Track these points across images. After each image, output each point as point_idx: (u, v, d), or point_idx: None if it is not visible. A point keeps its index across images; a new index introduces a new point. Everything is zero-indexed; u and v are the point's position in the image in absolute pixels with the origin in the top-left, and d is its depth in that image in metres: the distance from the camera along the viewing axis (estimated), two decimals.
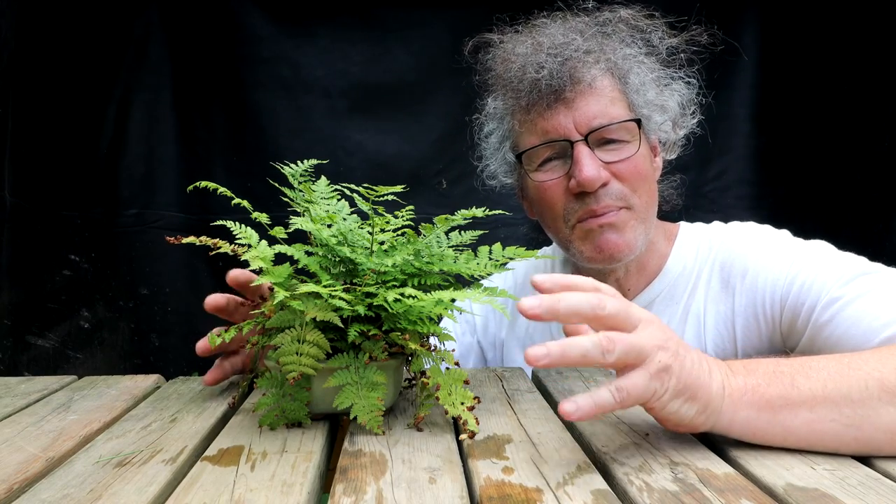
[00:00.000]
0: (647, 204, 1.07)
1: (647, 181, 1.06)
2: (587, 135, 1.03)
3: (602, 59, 1.04)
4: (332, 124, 1.94)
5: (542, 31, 1.08)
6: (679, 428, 0.70)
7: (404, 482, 0.62)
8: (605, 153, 1.04)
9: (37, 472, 0.67)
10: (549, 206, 1.08)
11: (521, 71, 1.05)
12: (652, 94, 1.08)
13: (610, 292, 0.69)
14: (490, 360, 1.32)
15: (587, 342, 0.62)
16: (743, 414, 0.69)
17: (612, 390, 0.64)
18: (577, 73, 1.02)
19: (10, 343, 1.83)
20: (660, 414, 0.68)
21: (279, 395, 0.79)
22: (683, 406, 0.67)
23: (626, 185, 1.04)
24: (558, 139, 1.04)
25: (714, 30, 1.07)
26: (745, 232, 1.10)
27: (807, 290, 0.95)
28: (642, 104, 1.07)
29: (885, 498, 0.58)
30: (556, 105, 1.03)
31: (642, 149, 1.05)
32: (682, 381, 0.66)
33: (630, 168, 1.04)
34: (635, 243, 1.06)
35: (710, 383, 0.69)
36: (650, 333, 0.67)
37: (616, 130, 1.04)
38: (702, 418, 0.68)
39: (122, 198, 1.91)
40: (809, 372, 0.71)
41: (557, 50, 1.03)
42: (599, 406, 0.63)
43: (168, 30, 1.90)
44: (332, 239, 0.83)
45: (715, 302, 1.07)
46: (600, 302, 0.64)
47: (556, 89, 1.02)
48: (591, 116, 1.02)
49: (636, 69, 1.07)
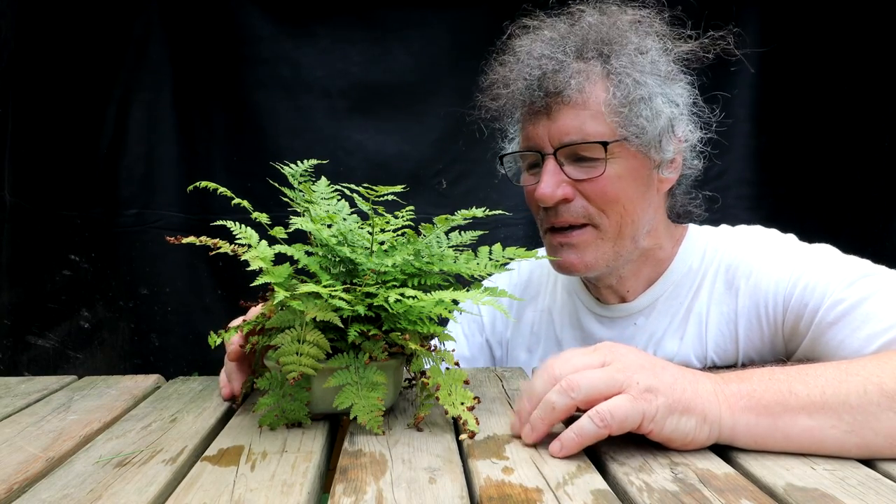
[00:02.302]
0: (618, 224, 1.03)
1: (621, 202, 1.02)
2: (557, 149, 1.01)
3: (596, 69, 1.01)
4: (332, 124, 1.94)
5: (536, 38, 1.06)
6: (688, 447, 0.70)
7: (404, 482, 0.62)
8: (577, 170, 1.02)
9: (37, 472, 0.67)
10: (531, 208, 1.11)
11: (511, 78, 1.05)
12: (647, 108, 1.00)
13: (573, 363, 0.72)
14: (498, 357, 1.33)
15: (553, 395, 0.70)
16: (743, 420, 0.69)
17: (591, 416, 0.67)
18: (562, 86, 0.99)
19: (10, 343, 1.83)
20: (662, 436, 0.68)
21: (279, 395, 0.79)
22: (681, 421, 0.68)
23: (593, 204, 1.02)
24: (535, 149, 1.05)
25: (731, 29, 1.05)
26: (751, 235, 1.10)
27: (810, 292, 0.95)
28: (632, 119, 1.00)
29: (885, 498, 0.58)
30: (540, 115, 1.03)
31: (615, 169, 1.01)
32: (670, 396, 0.68)
33: (597, 189, 1.01)
34: (596, 263, 1.04)
35: (700, 391, 0.69)
36: (624, 363, 0.70)
37: (589, 148, 1.00)
38: (705, 430, 0.69)
39: (122, 198, 1.91)
40: (806, 379, 0.71)
41: (545, 61, 1.01)
42: (582, 436, 0.67)
43: (168, 30, 1.90)
44: (332, 239, 0.83)
45: (718, 302, 1.07)
46: (570, 391, 0.69)
47: (541, 99, 1.02)
48: (564, 132, 1.01)
49: (633, 82, 1.00)
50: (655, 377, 0.69)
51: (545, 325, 1.26)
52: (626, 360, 0.71)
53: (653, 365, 0.71)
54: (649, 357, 0.73)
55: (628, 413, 0.66)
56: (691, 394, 0.69)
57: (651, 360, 0.72)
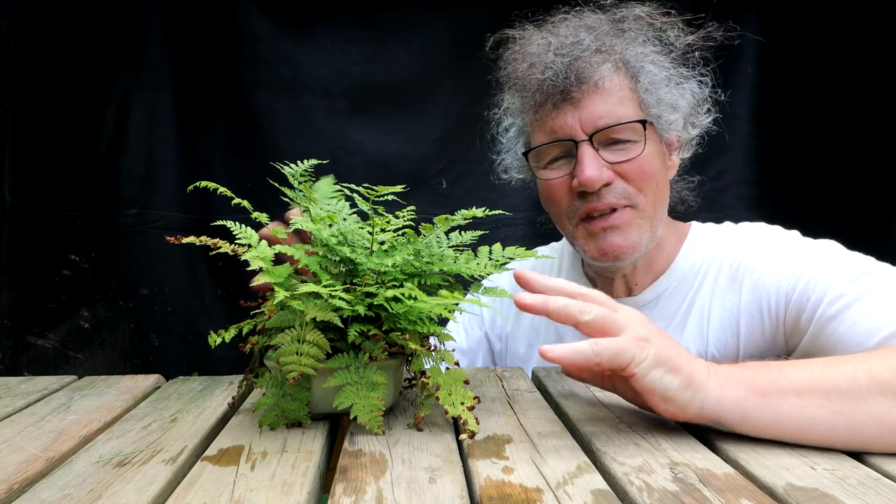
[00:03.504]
0: (654, 203, 1.07)
1: (655, 181, 1.06)
2: (592, 135, 1.03)
3: (612, 58, 1.04)
4: (332, 124, 1.93)
5: (553, 30, 1.08)
6: (668, 407, 0.70)
7: (404, 482, 0.62)
8: (611, 153, 1.04)
9: (37, 472, 0.67)
10: (555, 203, 1.10)
11: (529, 71, 1.06)
12: (664, 93, 1.07)
13: (598, 298, 0.74)
14: (497, 351, 1.33)
15: (572, 304, 0.71)
16: (731, 392, 0.70)
17: (590, 342, 0.69)
18: (585, 73, 1.02)
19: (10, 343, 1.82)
20: (642, 384, 0.69)
21: (279, 395, 0.79)
22: (666, 377, 0.69)
23: (632, 184, 1.05)
24: (564, 139, 1.05)
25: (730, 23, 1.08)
26: (754, 231, 1.11)
27: (812, 286, 0.96)
28: (653, 103, 1.06)
29: (884, 498, 0.58)
30: (563, 105, 1.04)
31: (649, 149, 1.05)
32: (662, 352, 0.70)
33: (635, 168, 1.04)
34: (639, 243, 1.06)
35: (693, 361, 0.72)
36: (634, 319, 0.73)
37: (622, 130, 1.04)
38: (687, 395, 0.69)
39: (122, 198, 1.90)
40: (798, 364, 0.73)
41: (566, 50, 1.04)
42: (575, 351, 0.68)
43: (168, 30, 1.90)
44: (333, 239, 0.83)
45: (721, 298, 1.08)
46: (584, 308, 0.71)
47: (562, 89, 1.03)
48: (596, 117, 1.03)
49: (648, 67, 1.07)
50: (656, 334, 0.72)
51: (545, 319, 1.26)
52: (633, 317, 0.73)
53: (658, 331, 0.73)
54: (656, 327, 0.74)
55: (620, 351, 0.68)
56: (685, 360, 0.71)
57: (657, 329, 0.74)
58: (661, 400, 0.70)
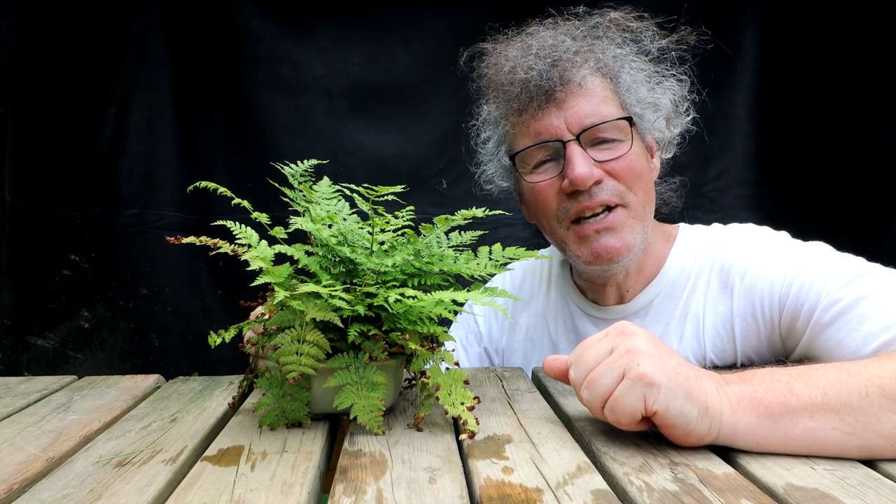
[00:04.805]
0: (643, 202, 1.06)
1: (643, 179, 1.06)
2: (579, 134, 1.02)
3: (592, 59, 1.04)
4: (332, 124, 1.94)
5: (532, 36, 1.08)
6: (689, 438, 0.69)
7: (404, 482, 0.62)
8: (598, 152, 1.04)
9: (37, 472, 0.67)
10: (543, 207, 1.08)
11: (511, 74, 1.05)
12: (644, 93, 1.07)
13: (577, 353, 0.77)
14: (496, 365, 1.33)
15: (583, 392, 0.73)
16: (744, 421, 0.69)
17: (606, 413, 0.71)
18: (567, 74, 1.02)
19: (10, 343, 1.82)
20: (667, 418, 0.68)
21: (279, 395, 0.79)
22: (685, 406, 0.68)
23: (622, 182, 1.04)
24: (551, 140, 1.04)
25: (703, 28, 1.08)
26: (743, 234, 1.10)
27: (806, 291, 0.95)
28: (634, 103, 1.07)
29: (885, 498, 0.58)
30: (547, 106, 1.03)
31: (636, 147, 1.05)
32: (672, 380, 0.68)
33: (624, 166, 1.04)
34: (633, 243, 1.05)
35: (703, 385, 0.70)
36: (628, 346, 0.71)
37: (608, 129, 1.03)
38: (705, 423, 0.68)
39: (122, 198, 1.91)
40: (808, 380, 0.71)
41: (547, 52, 1.03)
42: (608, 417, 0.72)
43: (168, 30, 1.90)
44: (332, 239, 0.83)
45: (714, 303, 1.07)
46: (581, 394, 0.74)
47: (546, 90, 1.02)
48: (582, 116, 1.02)
49: (627, 68, 1.07)
50: (660, 361, 0.69)
51: (540, 329, 1.25)
52: (632, 342, 0.71)
53: (659, 350, 0.71)
54: (658, 342, 0.72)
55: (627, 404, 0.68)
56: (694, 383, 0.69)
57: (659, 345, 0.72)
58: (684, 433, 0.69)
